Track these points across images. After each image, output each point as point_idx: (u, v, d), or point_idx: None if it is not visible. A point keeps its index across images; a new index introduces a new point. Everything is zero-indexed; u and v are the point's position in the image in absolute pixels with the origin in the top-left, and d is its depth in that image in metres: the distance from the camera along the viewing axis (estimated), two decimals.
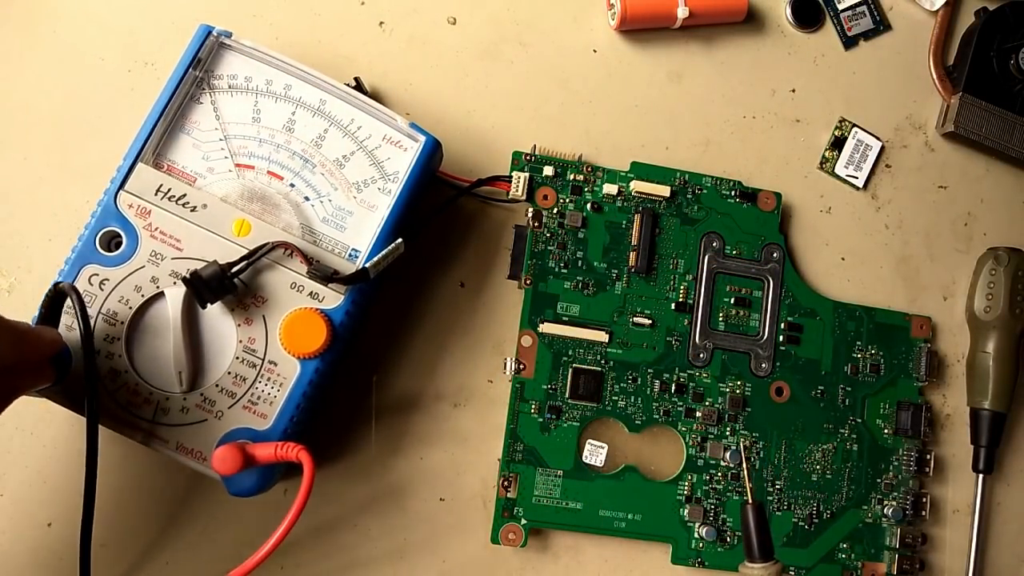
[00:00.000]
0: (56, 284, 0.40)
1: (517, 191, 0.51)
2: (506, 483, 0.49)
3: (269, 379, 0.43)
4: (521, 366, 0.50)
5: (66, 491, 0.48)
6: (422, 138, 0.46)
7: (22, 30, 0.51)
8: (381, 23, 0.53)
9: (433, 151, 0.47)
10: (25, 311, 0.41)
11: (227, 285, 0.42)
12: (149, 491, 0.49)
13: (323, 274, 0.43)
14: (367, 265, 0.44)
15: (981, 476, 0.54)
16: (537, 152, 0.52)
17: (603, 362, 0.51)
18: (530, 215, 0.51)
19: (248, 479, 0.42)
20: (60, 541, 0.48)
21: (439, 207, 0.51)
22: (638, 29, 0.55)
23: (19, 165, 0.50)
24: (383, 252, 0.44)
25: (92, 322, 0.42)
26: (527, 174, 0.51)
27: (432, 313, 0.52)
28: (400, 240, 0.45)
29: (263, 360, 0.43)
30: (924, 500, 0.53)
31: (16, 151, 0.50)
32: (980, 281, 0.55)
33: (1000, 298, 0.54)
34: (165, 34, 0.52)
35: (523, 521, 0.49)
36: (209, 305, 0.43)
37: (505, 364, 0.50)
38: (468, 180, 0.51)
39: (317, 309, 0.44)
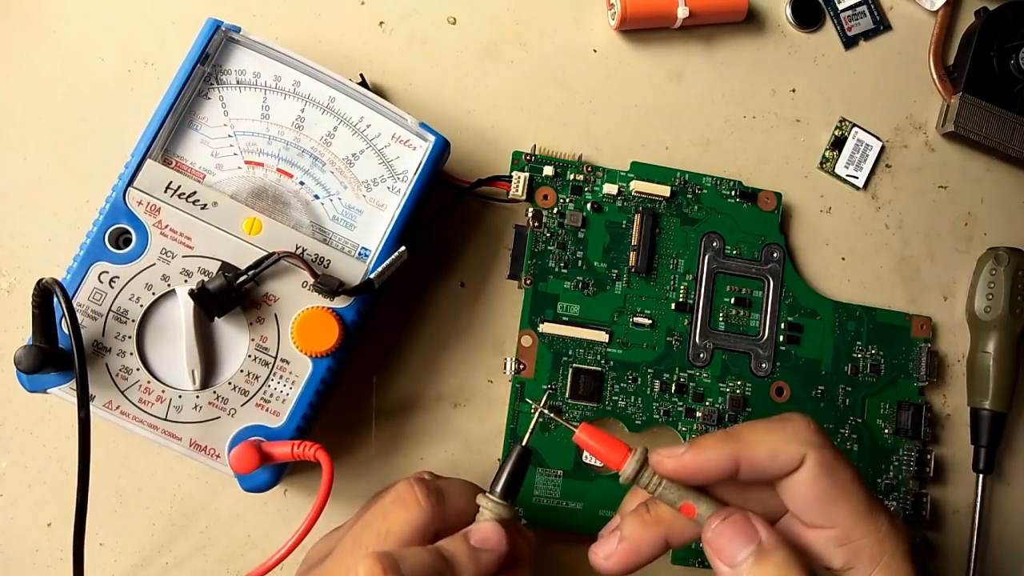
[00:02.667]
0: (39, 282, 0.42)
1: (517, 191, 0.55)
2: None
3: (282, 377, 0.47)
4: (521, 366, 0.54)
5: (66, 491, 0.51)
6: (432, 138, 0.50)
7: (22, 30, 0.55)
8: (381, 23, 0.57)
9: (442, 151, 0.50)
10: (25, 311, 0.44)
11: (234, 298, 0.46)
12: (148, 491, 0.53)
13: (329, 287, 0.46)
14: (372, 276, 0.48)
15: (981, 476, 0.58)
16: (537, 152, 0.56)
17: (603, 362, 0.55)
18: (530, 215, 0.55)
19: (262, 475, 0.46)
20: (60, 541, 0.52)
21: (441, 211, 0.54)
22: (638, 29, 0.59)
23: (19, 165, 0.54)
24: (387, 261, 0.48)
25: (103, 320, 0.46)
26: (527, 174, 0.55)
27: (432, 313, 0.56)
28: (404, 248, 0.49)
29: (275, 358, 0.47)
30: (924, 500, 0.57)
31: (16, 151, 0.54)
32: (980, 281, 0.59)
33: (1000, 298, 0.58)
34: (165, 34, 0.55)
35: (523, 521, 0.53)
36: (217, 319, 0.47)
37: (505, 364, 0.54)
38: (468, 181, 0.55)
39: (329, 308, 0.47)
